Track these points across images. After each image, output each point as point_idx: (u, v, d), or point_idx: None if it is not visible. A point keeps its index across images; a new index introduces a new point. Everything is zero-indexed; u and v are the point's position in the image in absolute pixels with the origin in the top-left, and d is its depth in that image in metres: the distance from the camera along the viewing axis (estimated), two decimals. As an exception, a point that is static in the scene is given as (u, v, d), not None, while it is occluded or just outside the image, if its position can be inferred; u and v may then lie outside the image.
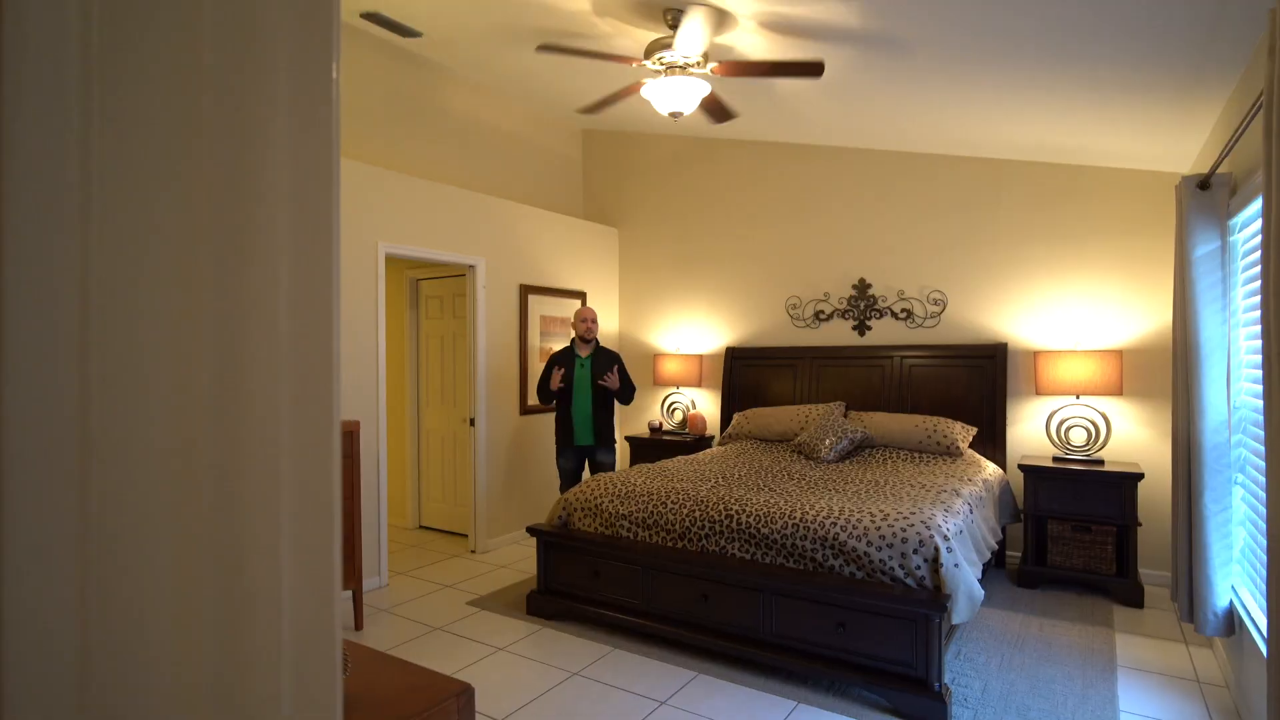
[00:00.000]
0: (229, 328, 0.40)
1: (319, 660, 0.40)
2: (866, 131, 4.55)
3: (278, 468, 0.41)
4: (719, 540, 3.08)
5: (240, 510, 0.40)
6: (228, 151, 0.40)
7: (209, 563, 0.39)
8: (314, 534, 0.40)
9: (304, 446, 0.42)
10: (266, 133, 0.41)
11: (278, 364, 0.41)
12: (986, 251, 4.46)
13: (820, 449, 4.18)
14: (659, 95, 2.94)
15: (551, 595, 3.50)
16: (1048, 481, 3.85)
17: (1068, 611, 3.53)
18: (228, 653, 0.39)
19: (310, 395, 0.43)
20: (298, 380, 0.42)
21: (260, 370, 0.40)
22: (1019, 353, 4.34)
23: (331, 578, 0.39)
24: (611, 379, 4.28)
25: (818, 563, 2.83)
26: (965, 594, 2.57)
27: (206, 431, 0.40)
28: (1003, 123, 3.79)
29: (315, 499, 0.40)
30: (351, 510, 3.34)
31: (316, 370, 0.43)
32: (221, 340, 0.40)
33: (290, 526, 0.40)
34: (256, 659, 0.39)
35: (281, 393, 0.41)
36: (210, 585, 0.39)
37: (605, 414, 4.40)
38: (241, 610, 0.40)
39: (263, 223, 0.41)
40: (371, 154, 4.36)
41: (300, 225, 0.42)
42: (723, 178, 5.49)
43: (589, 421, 4.35)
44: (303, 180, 0.42)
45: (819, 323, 5.07)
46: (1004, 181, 4.39)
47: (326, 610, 0.39)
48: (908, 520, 2.75)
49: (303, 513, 0.41)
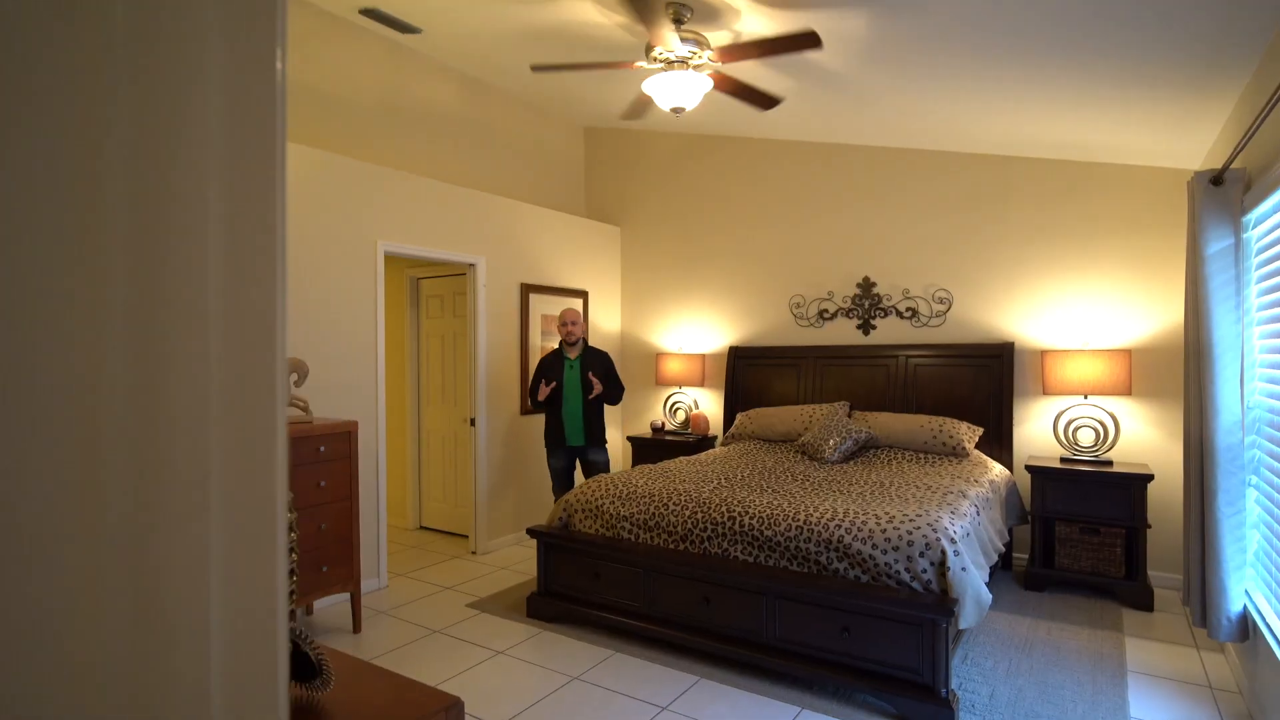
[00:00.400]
0: (142, 319, 0.36)
1: (256, 702, 0.36)
2: (871, 129, 4.50)
3: (205, 479, 0.37)
4: (721, 542, 3.03)
5: (158, 527, 0.36)
6: (140, 119, 0.36)
7: (116, 591, 0.34)
8: (251, 556, 0.35)
9: (238, 456, 0.38)
10: (189, 96, 0.37)
11: (207, 361, 0.37)
12: (993, 249, 4.40)
13: (824, 450, 4.13)
14: (660, 91, 2.89)
15: (552, 598, 3.46)
16: (1055, 482, 3.79)
17: (1076, 615, 3.47)
18: (136, 697, 0.35)
19: (247, 399, 0.38)
20: (232, 379, 0.37)
21: (183, 370, 0.36)
22: (1026, 352, 4.28)
23: (274, 607, 0.35)
24: (595, 383, 4.23)
25: (822, 566, 2.78)
26: (973, 598, 2.52)
27: (114, 440, 0.35)
28: (1010, 119, 3.73)
29: (252, 516, 0.36)
30: (350, 512, 3.30)
31: (255, 370, 0.38)
32: (133, 333, 0.35)
33: (221, 545, 0.36)
34: (173, 704, 0.35)
35: (211, 397, 0.37)
36: (118, 616, 0.34)
37: (595, 414, 4.36)
38: (157, 644, 0.35)
39: (187, 200, 0.36)
40: (371, 152, 4.32)
41: (235, 207, 0.38)
42: (726, 175, 5.44)
43: (579, 421, 4.31)
44: (236, 153, 0.38)
45: (823, 322, 5.01)
46: (1011, 179, 4.33)
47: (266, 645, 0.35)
48: (913, 523, 2.70)
49: (236, 530, 0.37)
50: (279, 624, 0.36)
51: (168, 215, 0.36)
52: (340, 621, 3.48)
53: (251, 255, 0.37)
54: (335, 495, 3.23)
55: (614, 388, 4.37)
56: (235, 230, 0.37)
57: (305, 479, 3.09)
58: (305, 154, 3.62)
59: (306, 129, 3.98)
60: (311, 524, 3.12)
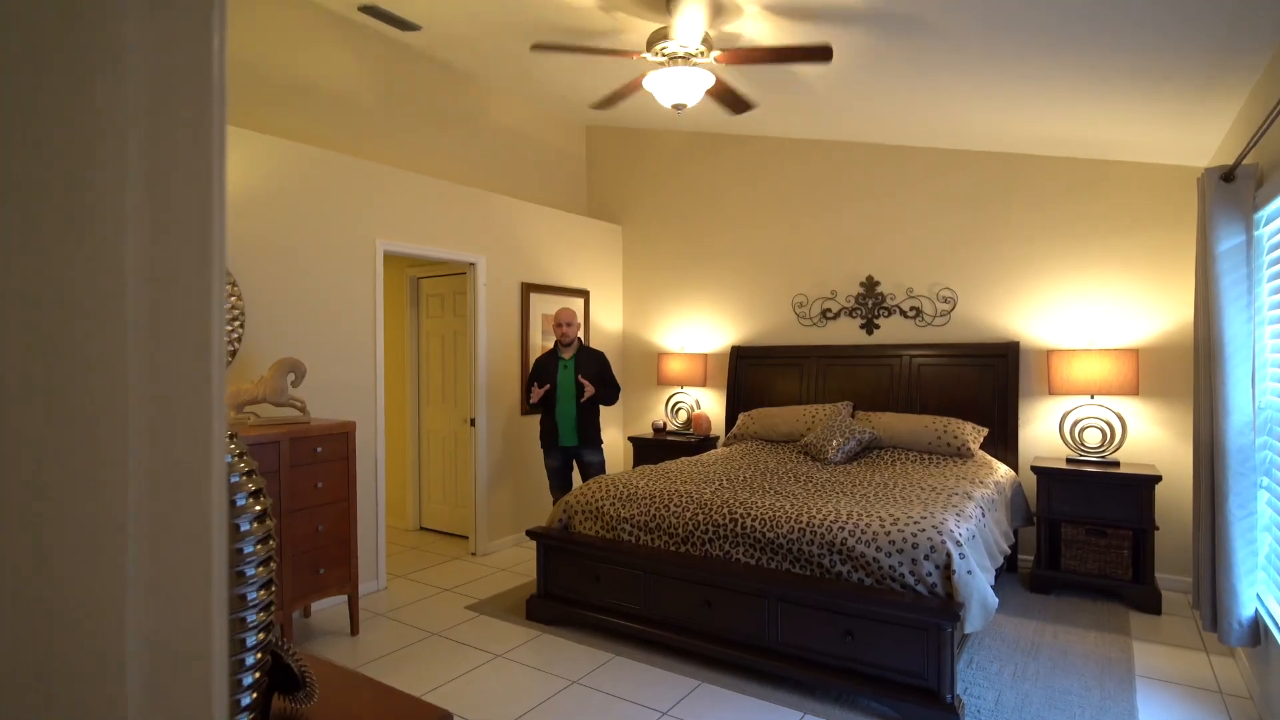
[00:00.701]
0: (47, 320, 0.32)
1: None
2: (875, 127, 4.45)
3: (124, 498, 0.33)
4: (723, 545, 2.99)
5: (60, 551, 0.32)
6: (44, 98, 0.32)
7: (16, 626, 0.31)
8: (178, 587, 0.32)
9: (163, 476, 0.34)
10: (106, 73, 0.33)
11: (123, 368, 0.33)
12: (998, 248, 4.35)
13: (827, 450, 4.08)
14: (661, 87, 2.85)
15: (551, 600, 3.42)
16: (1061, 484, 3.74)
17: (1083, 618, 3.42)
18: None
19: (176, 408, 0.34)
20: (156, 387, 0.34)
21: (94, 376, 0.32)
22: (1031, 352, 4.23)
23: (207, 652, 0.31)
24: (586, 387, 4.20)
25: (825, 568, 2.74)
26: (979, 602, 2.48)
27: (16, 460, 0.31)
28: (1015, 115, 3.69)
29: (179, 542, 0.32)
30: (347, 513, 3.27)
31: (184, 378, 0.35)
32: (34, 335, 0.32)
33: (143, 571, 0.32)
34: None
35: (130, 405, 0.33)
36: (10, 656, 0.31)
37: (590, 415, 4.32)
38: (59, 687, 0.31)
39: (99, 192, 0.33)
40: (371, 151, 4.29)
41: (159, 199, 0.34)
42: (728, 174, 5.40)
43: (572, 422, 4.28)
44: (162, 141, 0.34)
45: (826, 321, 4.97)
46: (1016, 176, 4.28)
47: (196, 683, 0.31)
48: (918, 525, 2.65)
49: (161, 556, 0.33)
50: (213, 667, 0.32)
51: (73, 208, 0.32)
52: (338, 624, 3.45)
53: (181, 254, 0.34)
54: (332, 496, 3.20)
55: (608, 389, 4.32)
56: (161, 226, 0.34)
57: (302, 480, 3.05)
58: (303, 152, 3.59)
59: (306, 127, 3.95)
60: (308, 525, 3.08)
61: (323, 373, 3.67)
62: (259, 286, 3.40)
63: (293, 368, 3.22)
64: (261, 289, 3.41)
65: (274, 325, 3.46)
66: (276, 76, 3.83)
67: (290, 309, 3.53)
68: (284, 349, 3.49)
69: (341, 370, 3.77)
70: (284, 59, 3.86)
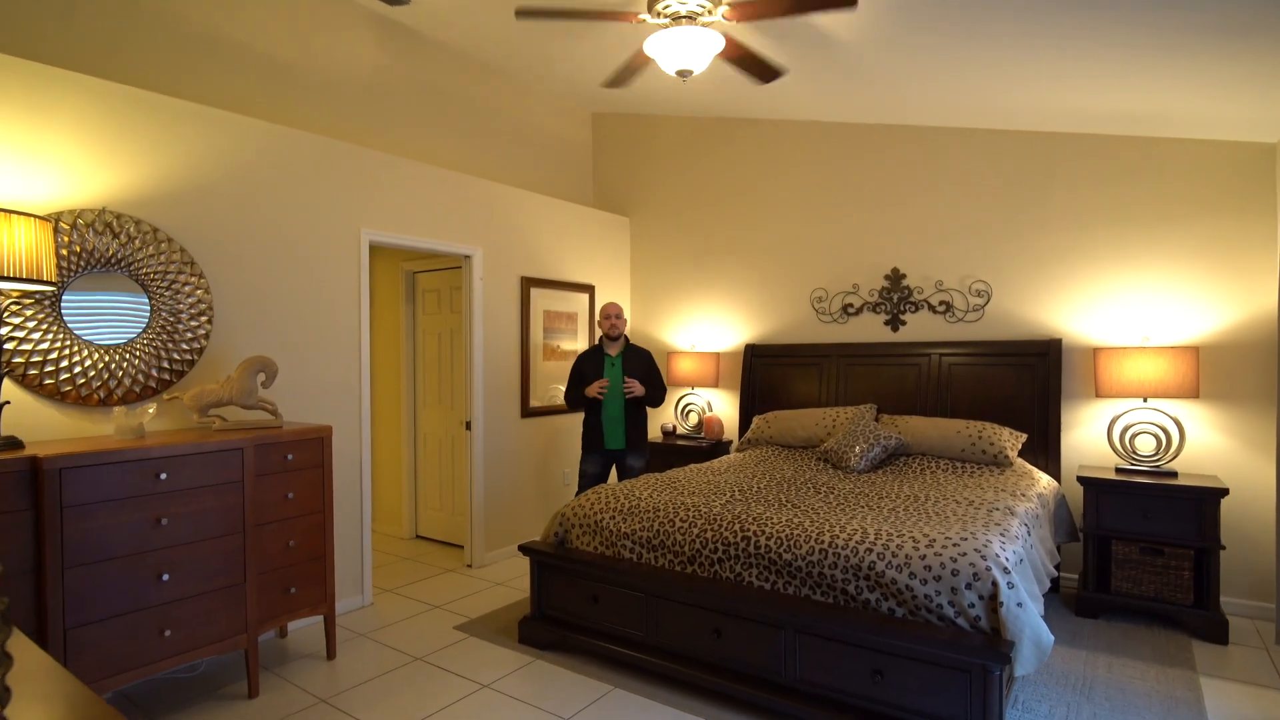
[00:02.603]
0: None
1: None
2: (899, 106, 4.10)
3: None
4: (734, 565, 2.67)
5: None
6: None
7: None
8: None
9: None
10: None
11: None
12: (1037, 236, 3.98)
13: (849, 457, 3.74)
14: (663, 50, 2.53)
15: (546, 622, 3.12)
16: (1111, 496, 3.37)
17: (1139, 648, 3.06)
18: None
19: None
20: None
21: None
22: (1075, 350, 3.86)
23: None
24: (634, 386, 3.90)
25: (850, 596, 2.40)
26: (1031, 640, 2.13)
27: None
28: (1056, 88, 3.32)
29: None
30: (322, 526, 2.99)
31: None
32: None
33: None
34: None
35: None
36: None
37: (638, 416, 4.04)
38: None
39: None
40: (358, 135, 4.01)
41: None
42: (743, 161, 5.07)
43: (620, 424, 3.99)
44: None
45: (847, 317, 4.62)
46: (1059, 157, 3.91)
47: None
48: (958, 548, 2.31)
49: None
50: None
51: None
52: (316, 646, 3.17)
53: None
54: (305, 508, 2.92)
55: (656, 389, 4.05)
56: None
57: (270, 490, 2.77)
58: (279, 133, 3.32)
59: (286, 109, 3.68)
60: (277, 540, 2.80)
61: (302, 372, 3.40)
62: (230, 279, 3.13)
63: (262, 367, 2.95)
64: (233, 282, 3.14)
65: (246, 321, 3.19)
66: (254, 54, 3.56)
67: (265, 303, 3.26)
68: (258, 347, 3.22)
69: (323, 369, 3.49)
70: (264, 35, 3.59)
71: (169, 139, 2.93)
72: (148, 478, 2.39)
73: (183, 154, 2.98)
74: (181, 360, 2.93)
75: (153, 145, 2.88)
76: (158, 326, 2.86)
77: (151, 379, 2.83)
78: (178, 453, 2.46)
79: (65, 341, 2.60)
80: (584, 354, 4.12)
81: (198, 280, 2.98)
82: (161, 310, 2.87)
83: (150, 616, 2.40)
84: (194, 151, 3.02)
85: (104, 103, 2.74)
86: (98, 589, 2.27)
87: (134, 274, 2.79)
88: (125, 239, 2.75)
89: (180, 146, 2.97)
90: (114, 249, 2.72)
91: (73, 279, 2.63)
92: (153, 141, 2.88)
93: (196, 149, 3.02)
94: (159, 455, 2.41)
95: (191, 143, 3.01)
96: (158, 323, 2.86)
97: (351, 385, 3.63)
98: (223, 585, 2.61)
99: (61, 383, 2.59)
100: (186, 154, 2.99)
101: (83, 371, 2.64)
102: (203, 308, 3.00)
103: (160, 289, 2.87)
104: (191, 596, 2.51)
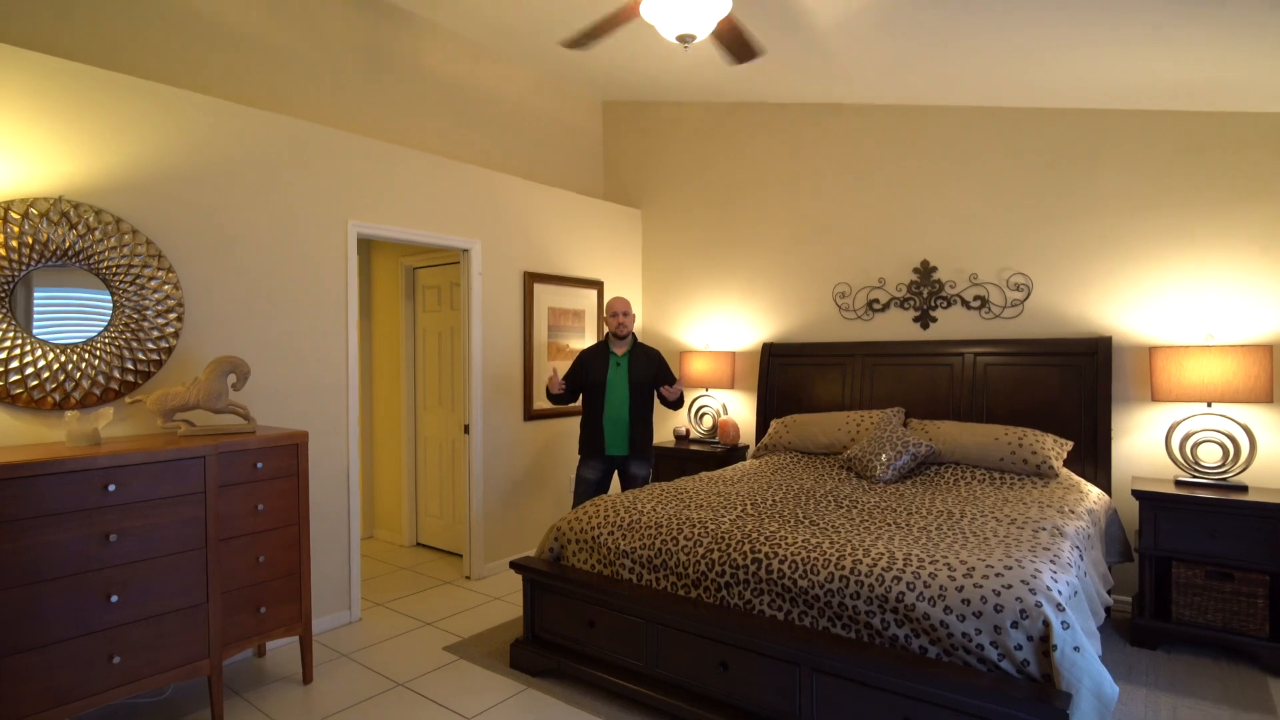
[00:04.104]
0: None
1: None
2: (928, 84, 3.76)
3: None
4: (743, 590, 2.38)
5: None
6: None
7: None
8: None
9: None
10: None
11: None
12: (1083, 224, 3.62)
13: (875, 466, 3.42)
14: (662, 12, 2.25)
15: (539, 646, 2.86)
16: (1172, 511, 3.01)
17: (1207, 686, 2.70)
18: None
19: None
20: None
21: None
22: (1127, 349, 3.49)
23: None
24: (673, 391, 3.68)
25: (875, 631, 2.10)
26: (1091, 690, 1.81)
27: None
28: (1109, 56, 2.97)
29: None
30: (297, 540, 2.76)
31: None
32: None
33: None
34: None
35: None
36: None
37: (644, 420, 3.75)
38: None
39: None
40: (347, 120, 3.79)
41: None
42: (761, 148, 4.76)
43: (624, 428, 3.70)
44: None
45: (872, 314, 4.29)
46: (1108, 137, 3.54)
47: None
48: (1002, 578, 2.00)
49: None
50: None
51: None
52: (295, 666, 2.95)
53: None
54: (278, 521, 2.69)
55: (675, 392, 3.77)
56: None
57: (237, 502, 2.55)
58: (258, 117, 3.10)
59: (268, 92, 3.46)
60: (245, 556, 2.58)
61: (283, 374, 3.18)
62: (203, 274, 2.92)
63: (233, 368, 2.73)
64: (206, 277, 2.93)
65: (221, 319, 2.98)
66: (232, 31, 3.35)
67: (242, 300, 3.05)
68: (234, 346, 3.01)
69: (306, 370, 3.27)
70: (241, 11, 3.38)
71: (135, 122, 2.73)
72: (94, 490, 2.17)
73: (151, 139, 2.77)
74: (147, 360, 2.72)
75: (116, 129, 2.68)
76: (121, 324, 2.65)
77: (114, 380, 2.63)
78: (128, 462, 2.24)
79: (17, 340, 2.40)
80: (587, 350, 3.85)
81: (166, 274, 2.77)
82: (125, 307, 2.67)
83: (97, 642, 2.18)
84: (163, 136, 2.81)
85: (60, 82, 2.54)
86: (36, 613, 2.05)
87: (94, 268, 2.59)
88: (84, 230, 2.55)
89: (148, 130, 2.76)
90: (71, 241, 2.51)
91: (25, 272, 2.43)
92: (116, 125, 2.68)
93: (166, 133, 2.82)
94: (106, 465, 2.19)
95: (161, 127, 2.80)
96: (121, 320, 2.66)
97: (338, 387, 3.40)
98: (182, 606, 2.39)
99: (12, 384, 2.39)
100: (155, 139, 2.78)
101: (36, 373, 2.44)
102: (171, 304, 2.79)
103: (124, 284, 2.66)
104: (145, 619, 2.29)
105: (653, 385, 3.75)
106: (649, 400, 3.78)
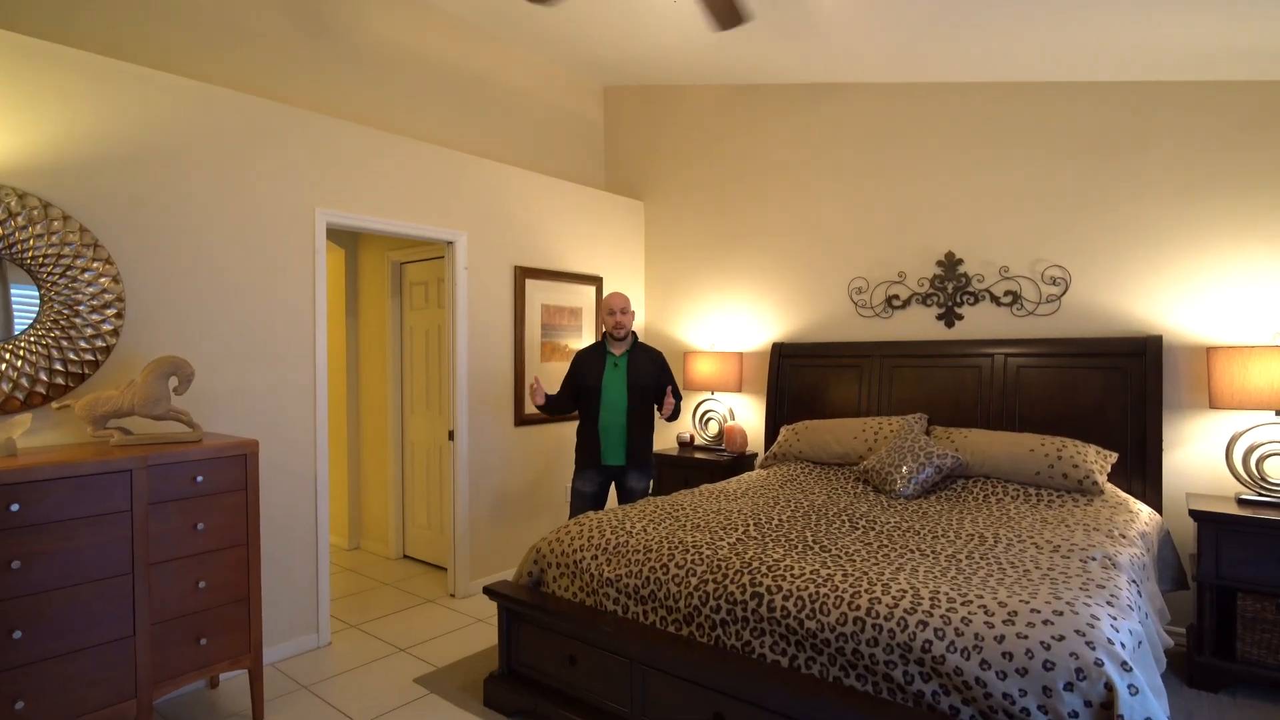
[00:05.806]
0: None
1: None
2: (950, 59, 3.41)
3: None
4: (740, 630, 2.05)
5: None
6: None
7: None
8: None
9: None
10: None
11: None
12: (1128, 211, 3.25)
13: (895, 479, 3.08)
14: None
15: (515, 682, 2.54)
16: (1236, 535, 2.64)
17: (1283, 741, 2.33)
18: None
19: None
20: None
21: None
22: (1179, 349, 3.12)
23: None
24: (668, 408, 3.36)
25: (896, 685, 1.77)
26: (1167, 774, 1.47)
27: None
28: (1159, 18, 2.60)
29: None
30: (245, 561, 2.47)
31: None
32: None
33: None
34: None
35: None
36: None
37: (643, 427, 3.43)
38: None
39: None
40: (319, 102, 3.51)
41: None
42: (771, 133, 4.42)
43: (621, 435, 3.38)
44: None
45: (892, 311, 3.94)
46: (1156, 113, 3.17)
47: None
48: (1051, 626, 1.65)
49: None
50: None
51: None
52: (248, 700, 2.67)
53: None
54: (222, 540, 2.40)
55: (676, 399, 3.44)
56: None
57: (172, 520, 2.27)
58: (213, 94, 2.82)
59: (229, 69, 3.19)
60: (182, 581, 2.29)
61: (244, 375, 2.90)
62: (147, 266, 2.64)
63: (174, 369, 2.45)
64: (151, 269, 2.65)
65: (168, 315, 2.70)
66: (192, 3, 3.08)
67: (192, 294, 2.77)
68: (183, 346, 2.73)
69: (266, 372, 2.99)
70: (202, -15, 3.11)
71: (66, 97, 2.45)
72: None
73: (85, 116, 2.50)
74: (80, 361, 2.44)
75: (44, 105, 2.41)
76: (49, 320, 2.38)
77: (40, 383, 2.36)
78: (36, 477, 1.97)
79: (-76, 338, 2.14)
80: (583, 351, 3.54)
81: (103, 266, 2.50)
82: (54, 301, 2.39)
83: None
84: (101, 113, 2.53)
85: (-23, 50, 2.27)
86: (-80, 652, 1.78)
87: (16, 258, 2.32)
88: (4, 215, 2.28)
89: (82, 107, 2.49)
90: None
91: (-67, 262, 2.16)
92: (44, 100, 2.41)
93: (104, 110, 2.54)
94: (6, 481, 1.91)
95: (97, 102, 2.53)
96: (49, 316, 2.39)
97: (305, 388, 3.12)
98: (102, 640, 2.11)
99: (-83, 388, 2.12)
100: (91, 116, 2.51)
101: (-54, 375, 2.17)
102: (109, 299, 2.51)
103: (53, 276, 2.39)
104: (56, 656, 2.01)
105: (655, 389, 3.44)
106: (650, 405, 3.46)
